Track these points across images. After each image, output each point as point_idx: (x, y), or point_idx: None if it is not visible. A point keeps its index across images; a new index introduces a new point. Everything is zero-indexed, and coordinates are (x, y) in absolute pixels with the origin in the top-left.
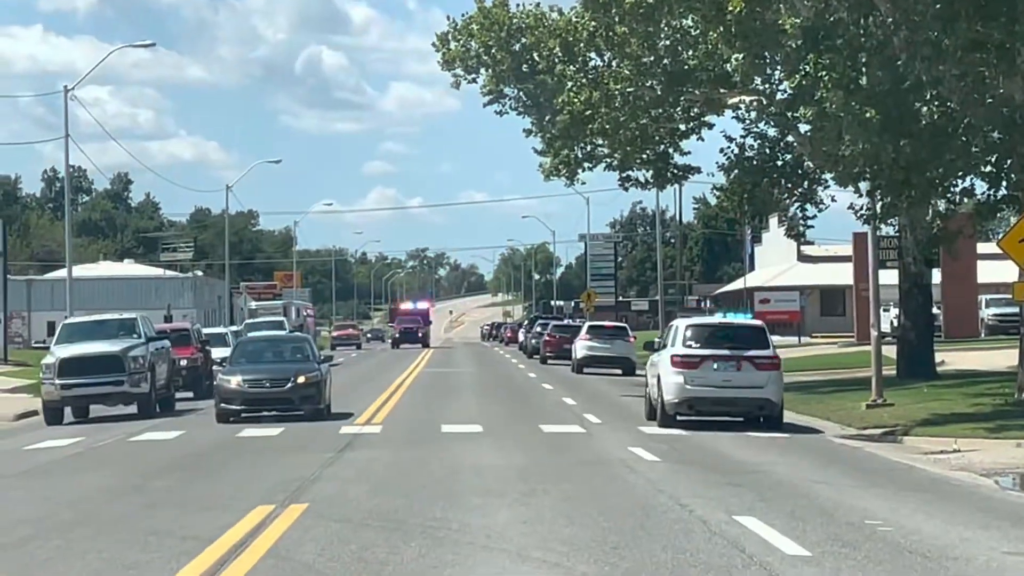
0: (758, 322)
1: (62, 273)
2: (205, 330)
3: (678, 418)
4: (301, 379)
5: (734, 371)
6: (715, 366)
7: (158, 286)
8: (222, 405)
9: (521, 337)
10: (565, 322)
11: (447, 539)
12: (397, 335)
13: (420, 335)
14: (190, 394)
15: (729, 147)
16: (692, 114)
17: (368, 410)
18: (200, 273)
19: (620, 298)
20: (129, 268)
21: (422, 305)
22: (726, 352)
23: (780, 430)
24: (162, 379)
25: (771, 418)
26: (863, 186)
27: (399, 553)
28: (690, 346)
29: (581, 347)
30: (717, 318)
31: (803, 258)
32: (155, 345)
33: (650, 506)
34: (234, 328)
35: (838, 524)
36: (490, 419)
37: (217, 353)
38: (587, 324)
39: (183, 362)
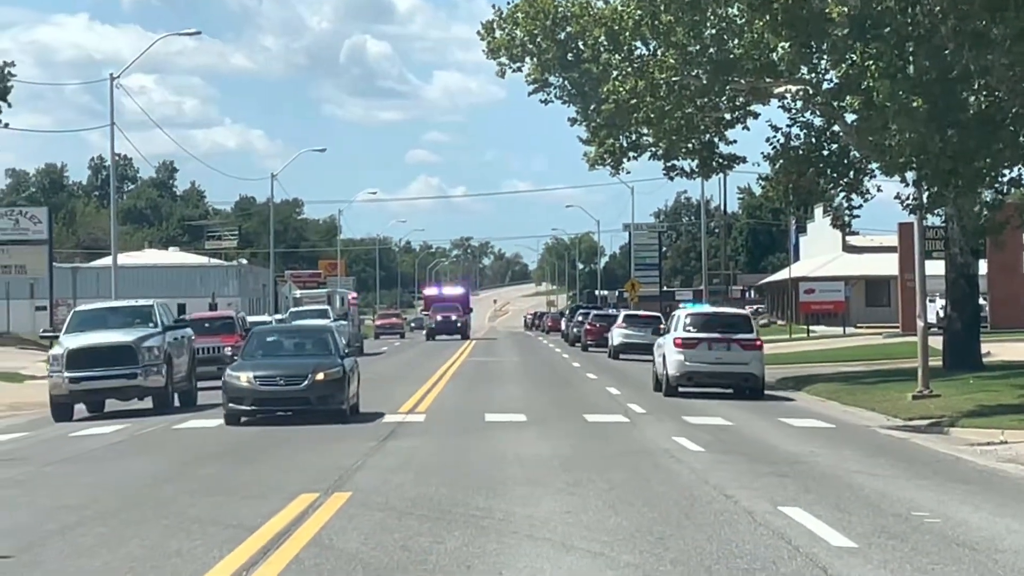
0: (744, 311)
1: (108, 261)
2: (249, 318)
3: (679, 389)
4: (320, 376)
5: (724, 350)
6: (709, 346)
7: (203, 274)
8: (230, 405)
9: (563, 326)
10: (605, 311)
11: (491, 528)
12: (433, 325)
13: (459, 325)
14: None
15: (775, 136)
16: (738, 103)
17: (411, 399)
18: (245, 261)
19: (664, 288)
20: (174, 256)
21: (458, 290)
22: (718, 335)
23: (761, 399)
24: (181, 371)
25: (754, 388)
26: (910, 176)
27: (443, 542)
28: (689, 331)
29: (618, 335)
30: (707, 308)
31: (848, 248)
32: (173, 334)
33: (695, 496)
34: (278, 316)
35: (884, 515)
36: (534, 408)
37: None
38: (623, 313)
39: (227, 350)
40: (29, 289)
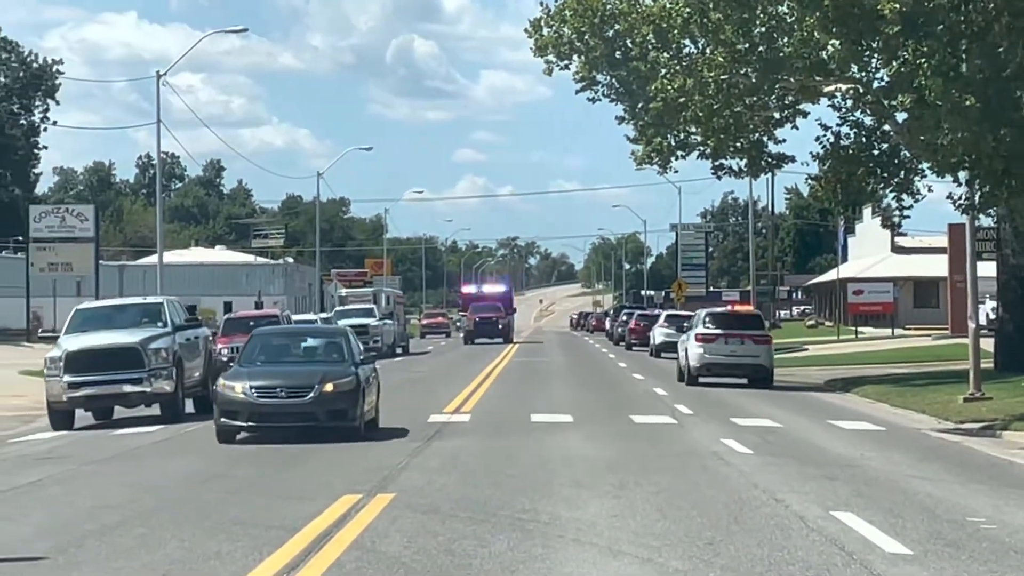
0: (756, 311)
1: (154, 259)
2: (295, 316)
3: (699, 379)
4: (328, 387)
5: (739, 344)
6: (726, 341)
7: (249, 272)
8: (223, 420)
9: (607, 325)
10: (648, 311)
11: (536, 531)
12: (471, 327)
13: (500, 327)
14: None
15: (825, 136)
16: (787, 102)
17: (457, 398)
18: (291, 260)
19: (711, 288)
20: (220, 254)
21: (500, 287)
22: (733, 332)
23: (770, 387)
24: (195, 376)
25: (764, 378)
26: (962, 176)
27: (487, 546)
28: (708, 327)
29: (659, 334)
30: (727, 308)
31: (897, 249)
32: (185, 335)
33: (744, 500)
34: (324, 315)
35: (939, 521)
36: (580, 409)
37: None
38: (664, 313)
39: None
40: (76, 287)
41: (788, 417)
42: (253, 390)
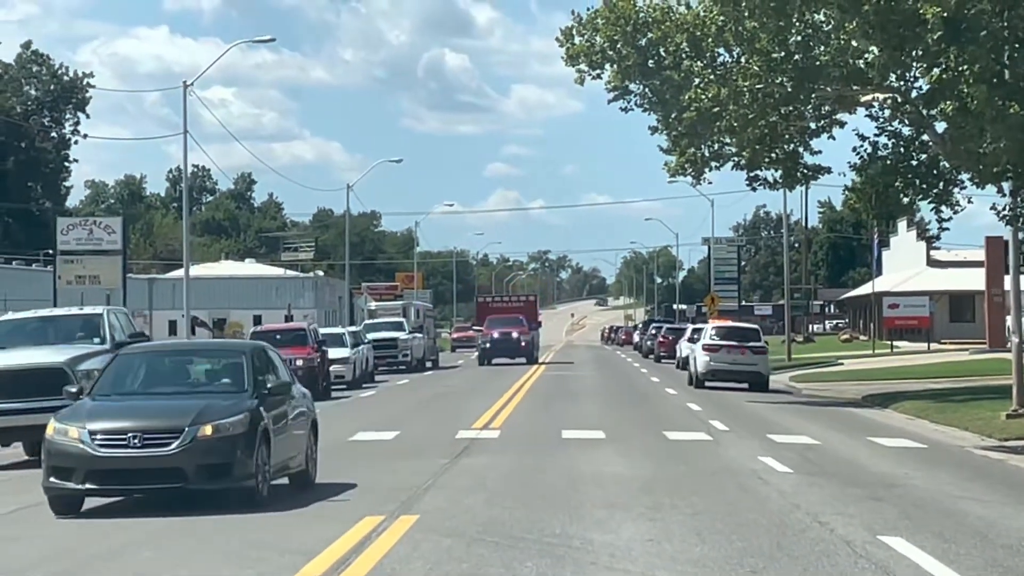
0: (754, 325)
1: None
2: (322, 330)
3: (705, 384)
4: (206, 430)
5: (739, 355)
6: (728, 351)
7: (279, 286)
8: (52, 480)
9: (636, 338)
10: (677, 325)
11: (567, 558)
12: (487, 345)
13: (522, 345)
14: None
15: (862, 146)
16: (823, 112)
17: (486, 414)
18: (321, 273)
19: (743, 302)
20: (250, 268)
21: (524, 298)
22: (735, 343)
23: (766, 392)
24: None
25: (761, 383)
26: (1006, 186)
27: (515, 573)
28: (714, 339)
29: (686, 347)
30: (730, 322)
31: (932, 263)
32: None
33: (786, 523)
34: (352, 328)
35: (994, 547)
36: (613, 424)
37: (334, 353)
38: (690, 327)
39: (299, 362)
40: (105, 300)
41: (826, 434)
42: (93, 436)
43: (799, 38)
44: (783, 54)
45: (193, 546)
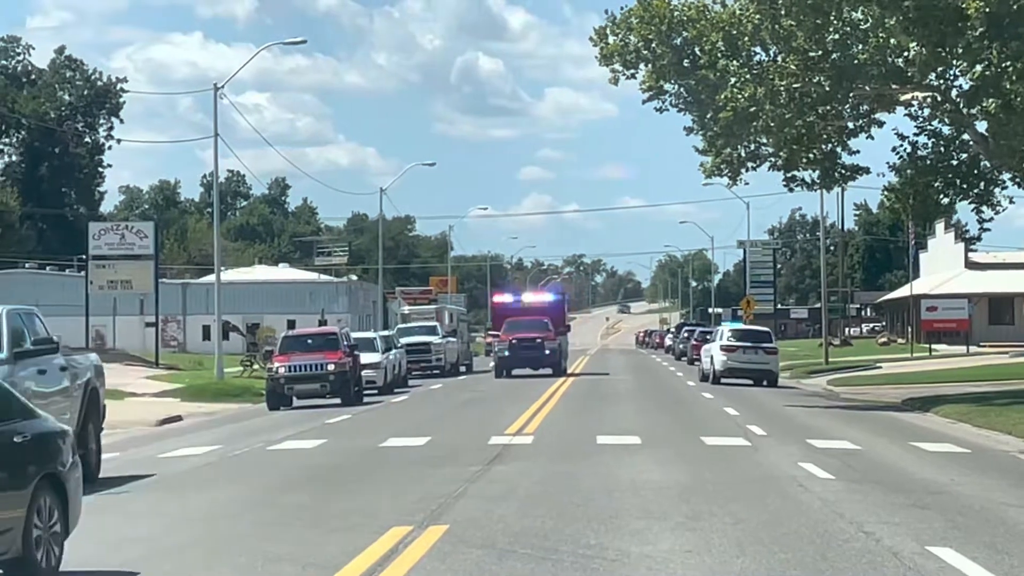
0: (766, 328)
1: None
2: (354, 334)
3: (721, 380)
4: None
5: (753, 354)
6: (743, 351)
7: (312, 290)
8: None
9: (668, 342)
10: (709, 329)
11: (603, 571)
12: (504, 353)
13: (547, 352)
14: (337, 400)
15: (901, 146)
16: (861, 111)
17: (520, 419)
18: (355, 278)
19: (779, 305)
20: (284, 272)
21: (546, 296)
22: (749, 344)
23: (776, 386)
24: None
25: (772, 381)
26: None
27: None
28: (730, 340)
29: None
30: (743, 325)
31: (971, 265)
32: (30, 366)
33: (830, 533)
34: (384, 332)
35: None
36: (649, 430)
37: (365, 358)
38: (698, 329)
39: (331, 367)
40: (139, 305)
41: (867, 438)
42: None
43: (837, 36)
44: (820, 53)
45: (211, 560)
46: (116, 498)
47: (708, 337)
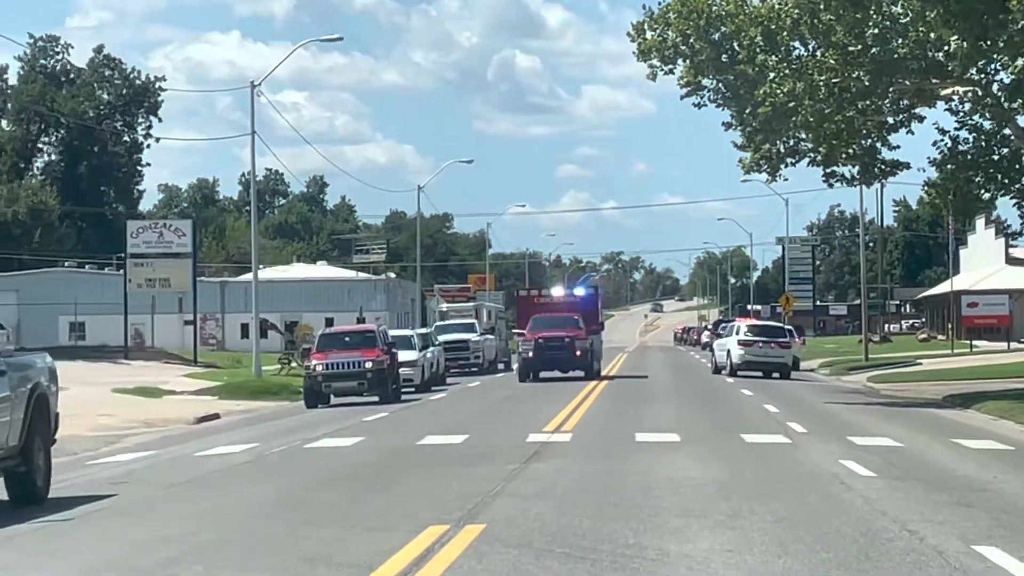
0: (780, 324)
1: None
2: (392, 332)
3: (738, 373)
4: None
5: (769, 348)
6: (760, 345)
7: (350, 288)
8: None
9: (705, 338)
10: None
11: (642, 571)
12: (529, 353)
13: (577, 353)
14: (375, 398)
15: (942, 140)
16: (901, 106)
17: (558, 416)
18: (393, 275)
19: (818, 302)
20: (322, 270)
21: (577, 291)
22: (765, 338)
23: (790, 379)
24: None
25: (785, 374)
26: None
27: None
28: (747, 335)
29: (718, 342)
30: (760, 320)
31: (1011, 260)
32: None
33: (873, 531)
34: (421, 330)
35: None
36: (688, 427)
37: (404, 356)
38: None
39: (368, 364)
40: (178, 303)
41: (908, 435)
42: None
43: (876, 30)
44: (860, 47)
45: (244, 560)
46: (148, 497)
47: (720, 332)
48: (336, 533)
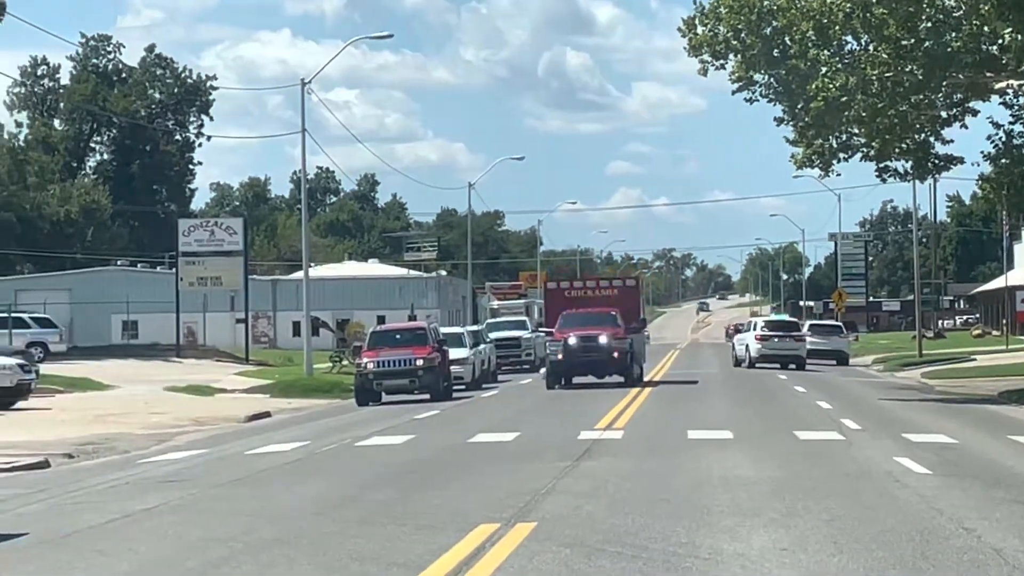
0: (795, 319)
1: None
2: (443, 329)
3: (756, 365)
4: None
5: (784, 342)
6: (776, 339)
7: (402, 286)
8: None
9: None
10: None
11: (695, 569)
12: (558, 356)
13: (615, 355)
14: (426, 396)
15: (996, 134)
16: (955, 100)
17: (610, 413)
18: (444, 273)
19: (871, 298)
20: (373, 268)
21: (613, 283)
22: (781, 333)
23: (803, 369)
24: None
25: (800, 365)
26: None
27: None
28: (764, 330)
29: (738, 337)
30: (776, 316)
31: None
32: None
33: (929, 530)
34: (472, 328)
35: None
36: (740, 424)
37: (455, 353)
38: (808, 323)
39: (419, 362)
40: (229, 301)
41: (964, 432)
42: None
43: (929, 24)
44: (913, 41)
45: (293, 559)
46: (198, 496)
47: (740, 329)
48: (386, 532)
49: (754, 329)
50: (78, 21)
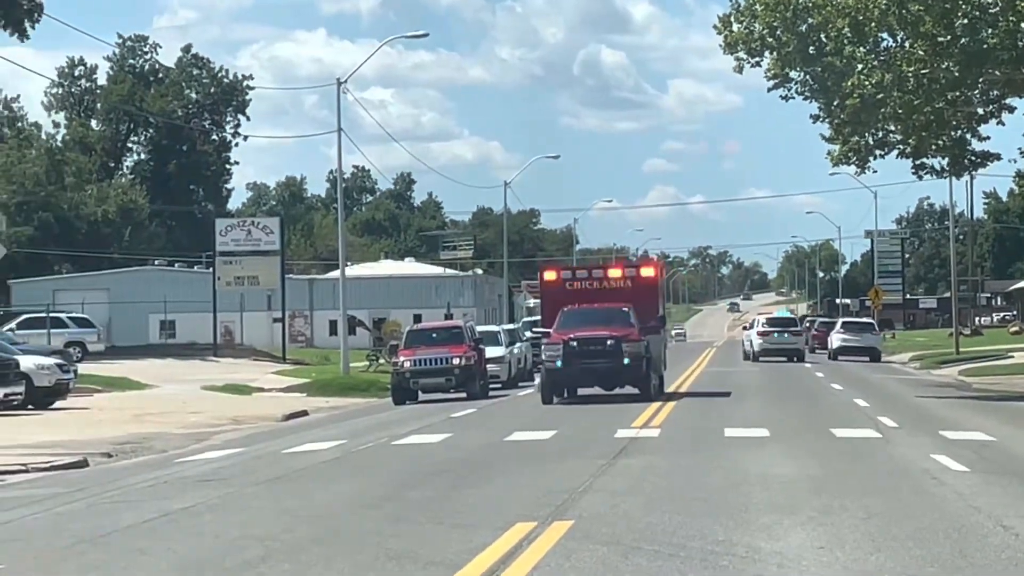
0: (793, 316)
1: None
2: (479, 328)
3: (760, 359)
4: None
5: (784, 337)
6: (776, 335)
7: (438, 285)
8: None
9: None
10: (829, 319)
11: (732, 568)
12: (556, 362)
13: (624, 361)
14: (462, 394)
15: None
16: (991, 96)
17: (646, 411)
18: (480, 271)
19: (907, 295)
20: (409, 267)
21: (626, 272)
22: (780, 329)
23: (804, 362)
24: None
25: (800, 357)
26: None
27: None
28: (765, 327)
29: (836, 339)
30: (777, 313)
31: None
32: None
33: (967, 528)
34: (508, 326)
35: None
36: (777, 422)
37: (491, 352)
38: (841, 320)
39: (456, 360)
40: (266, 301)
41: (1002, 429)
42: None
43: (965, 20)
44: (949, 37)
45: (331, 558)
46: (235, 495)
47: (748, 327)
48: (423, 530)
49: (756, 327)
50: (114, 22)
